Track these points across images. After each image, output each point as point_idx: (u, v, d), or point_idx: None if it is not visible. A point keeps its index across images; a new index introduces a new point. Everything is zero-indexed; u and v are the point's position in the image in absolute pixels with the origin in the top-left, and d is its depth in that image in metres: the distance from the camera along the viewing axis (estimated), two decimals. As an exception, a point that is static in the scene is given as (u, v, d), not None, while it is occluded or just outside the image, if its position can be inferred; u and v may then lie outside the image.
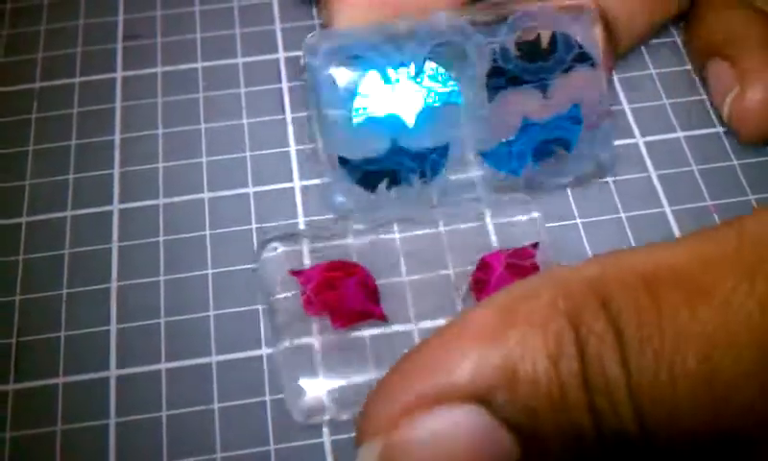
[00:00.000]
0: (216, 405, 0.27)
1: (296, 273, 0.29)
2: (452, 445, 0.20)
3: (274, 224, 0.31)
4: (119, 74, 0.35)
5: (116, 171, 0.33)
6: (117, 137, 0.33)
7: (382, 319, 0.28)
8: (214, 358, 0.28)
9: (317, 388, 0.27)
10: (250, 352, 0.28)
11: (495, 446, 0.20)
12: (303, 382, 0.27)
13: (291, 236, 0.29)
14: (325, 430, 0.27)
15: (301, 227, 0.31)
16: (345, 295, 0.28)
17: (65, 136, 0.34)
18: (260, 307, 0.29)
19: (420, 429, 0.20)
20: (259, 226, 0.31)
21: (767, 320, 0.20)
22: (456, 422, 0.20)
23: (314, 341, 0.27)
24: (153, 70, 0.35)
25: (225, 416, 0.27)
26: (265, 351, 0.28)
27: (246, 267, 0.30)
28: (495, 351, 0.20)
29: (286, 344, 0.27)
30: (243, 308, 0.29)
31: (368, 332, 0.28)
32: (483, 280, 0.29)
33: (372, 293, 0.28)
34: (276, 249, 0.29)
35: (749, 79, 0.33)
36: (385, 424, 0.20)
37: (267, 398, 0.28)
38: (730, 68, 0.33)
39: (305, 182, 0.32)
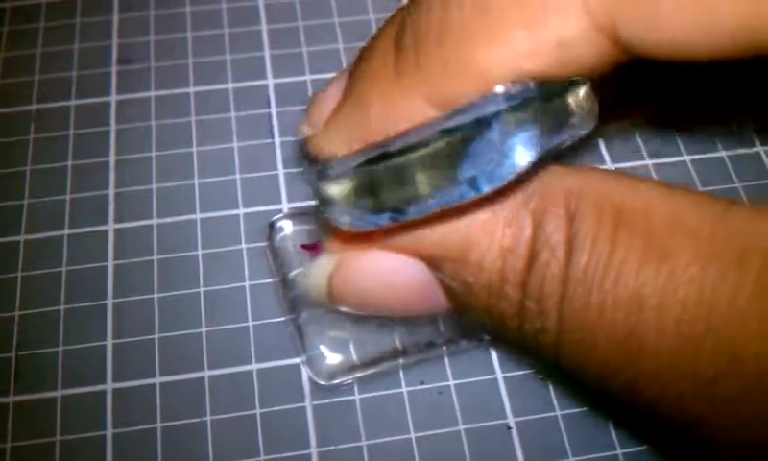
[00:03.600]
0: (209, 418, 0.29)
1: (308, 247, 0.30)
2: (392, 281, 0.24)
3: (263, 244, 0.32)
4: (114, 98, 0.36)
5: (111, 192, 0.34)
6: (112, 159, 0.35)
7: None
8: (207, 373, 0.30)
9: (337, 351, 0.29)
10: (241, 368, 0.30)
11: (430, 294, 0.24)
12: (324, 348, 0.29)
13: (297, 215, 0.31)
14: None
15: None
16: None
17: (62, 157, 0.35)
18: (250, 324, 0.31)
19: (372, 260, 0.24)
20: (249, 246, 0.32)
21: (693, 309, 0.20)
22: (403, 266, 0.24)
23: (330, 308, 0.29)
24: (146, 94, 0.36)
25: (217, 428, 0.29)
26: (255, 366, 0.30)
27: (236, 285, 0.31)
28: (456, 225, 0.23)
29: (304, 314, 0.29)
30: (234, 325, 0.31)
31: None
32: None
33: None
34: (283, 228, 0.31)
35: None
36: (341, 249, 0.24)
37: (257, 411, 0.29)
38: None
39: (294, 204, 0.33)
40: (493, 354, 0.30)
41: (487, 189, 0.22)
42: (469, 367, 0.30)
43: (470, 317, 0.25)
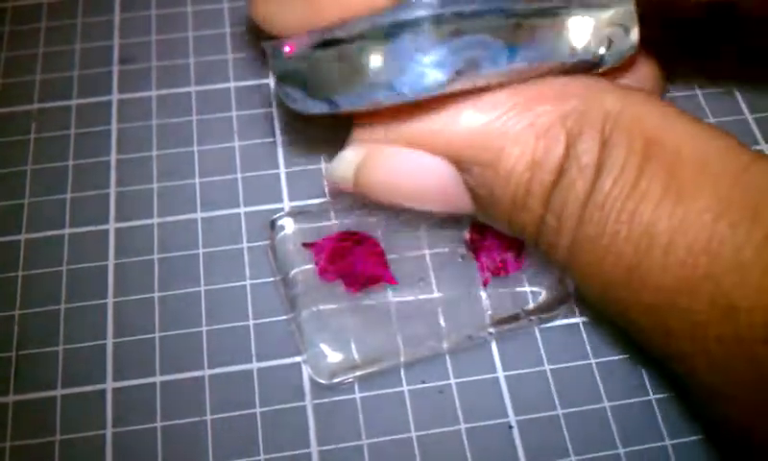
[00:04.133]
0: (209, 417, 0.29)
1: (309, 245, 0.30)
2: (422, 176, 0.25)
3: (264, 243, 0.32)
4: (115, 97, 0.36)
5: (112, 191, 0.34)
6: (113, 158, 0.35)
7: (392, 282, 0.30)
8: (207, 372, 0.30)
9: (338, 349, 0.29)
10: (240, 367, 0.30)
11: (455, 194, 0.25)
12: (324, 346, 0.29)
13: (298, 213, 0.31)
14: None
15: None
16: (356, 261, 0.30)
17: (63, 157, 0.35)
18: (251, 323, 0.30)
19: (399, 155, 0.25)
20: (250, 245, 0.32)
21: (699, 255, 0.21)
22: (429, 164, 0.24)
23: (331, 306, 0.29)
24: (148, 93, 0.36)
25: (217, 427, 0.28)
26: (256, 365, 0.30)
27: (237, 284, 0.31)
28: (489, 129, 0.23)
29: (305, 312, 0.29)
30: (234, 324, 0.30)
31: (380, 294, 0.30)
32: (478, 240, 0.31)
33: (380, 258, 0.30)
34: (284, 227, 0.31)
35: None
36: (370, 140, 0.25)
37: (257, 410, 0.29)
38: None
39: (295, 203, 0.33)
40: (495, 353, 0.30)
41: (410, 95, 0.22)
42: (471, 366, 0.30)
43: (490, 221, 0.25)
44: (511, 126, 0.23)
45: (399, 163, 0.25)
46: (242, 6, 0.39)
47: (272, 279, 0.31)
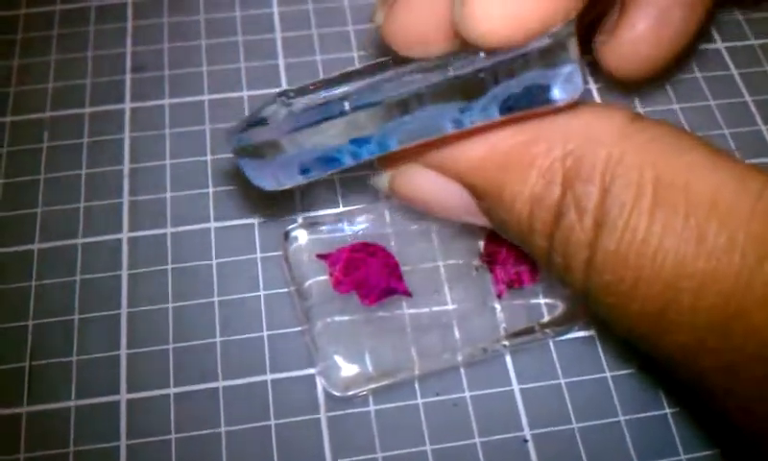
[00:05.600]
0: (223, 429, 0.29)
1: (322, 256, 0.30)
2: (439, 194, 0.26)
3: (278, 253, 0.32)
4: (127, 105, 0.36)
5: (125, 200, 0.34)
6: (126, 167, 0.34)
7: (406, 294, 0.30)
8: (221, 383, 0.29)
9: (352, 361, 0.29)
10: (255, 378, 0.30)
11: (472, 212, 0.26)
12: (338, 358, 0.29)
13: (312, 224, 0.31)
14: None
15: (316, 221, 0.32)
16: (370, 273, 0.30)
17: (76, 166, 0.35)
18: (265, 334, 0.30)
19: (420, 176, 0.26)
20: (264, 255, 0.32)
21: (730, 295, 0.21)
22: (452, 188, 0.25)
23: (345, 318, 0.29)
24: (160, 102, 0.36)
25: (232, 439, 0.28)
26: (270, 376, 0.30)
27: (251, 295, 0.31)
28: (493, 158, 0.24)
29: (319, 324, 0.29)
30: (248, 336, 0.30)
31: (394, 306, 0.30)
32: (494, 253, 0.31)
33: (394, 270, 0.30)
34: (298, 238, 0.31)
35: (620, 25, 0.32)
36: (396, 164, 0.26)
37: (272, 422, 0.29)
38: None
39: (308, 214, 0.33)
40: (510, 366, 0.30)
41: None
42: (485, 378, 0.30)
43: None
44: (514, 162, 0.24)
45: (422, 182, 0.26)
46: (253, 15, 0.39)
47: (285, 289, 0.31)
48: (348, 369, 0.29)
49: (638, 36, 0.31)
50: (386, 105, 0.24)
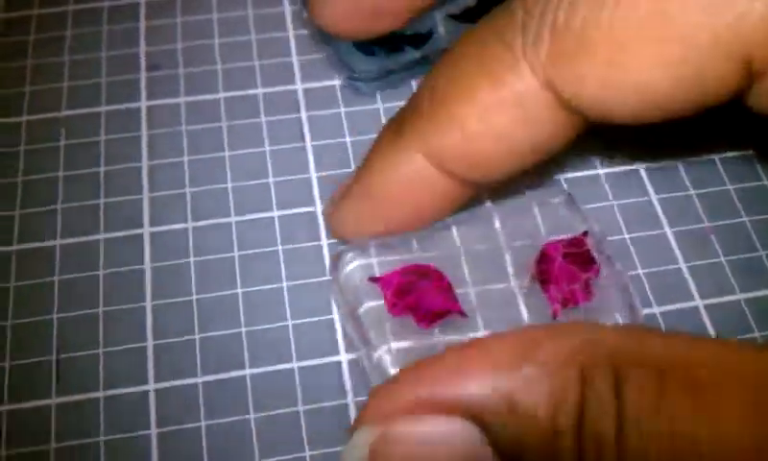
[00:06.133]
0: (252, 415, 0.29)
1: (375, 280, 0.30)
2: (442, 451, 0.21)
3: (298, 246, 0.33)
4: (143, 103, 0.37)
5: (145, 196, 0.34)
6: (144, 164, 0.35)
7: (462, 314, 0.29)
8: (248, 371, 0.30)
9: None
10: (281, 366, 0.30)
11: (484, 453, 0.22)
12: None
13: (360, 249, 0.31)
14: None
15: (325, 246, 0.33)
16: (423, 296, 0.30)
17: (94, 163, 0.35)
18: (290, 323, 0.31)
19: (416, 428, 0.21)
20: (285, 248, 0.33)
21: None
22: (451, 432, 0.21)
23: (405, 343, 0.29)
24: (176, 100, 0.37)
25: (261, 425, 0.29)
26: (296, 364, 0.30)
27: (274, 286, 0.32)
28: (505, 379, 0.22)
29: (379, 350, 0.29)
30: (273, 325, 0.31)
31: (451, 328, 0.29)
32: (546, 271, 0.30)
33: (447, 291, 0.30)
34: (351, 261, 0.31)
35: None
36: (384, 417, 0.22)
37: (300, 408, 0.29)
38: None
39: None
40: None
41: None
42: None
43: None
44: (523, 375, 0.22)
45: (421, 437, 0.22)
46: (267, 13, 0.40)
47: (307, 281, 0.32)
48: None
49: None
50: None
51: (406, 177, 0.29)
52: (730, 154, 0.35)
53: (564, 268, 0.30)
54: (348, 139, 0.36)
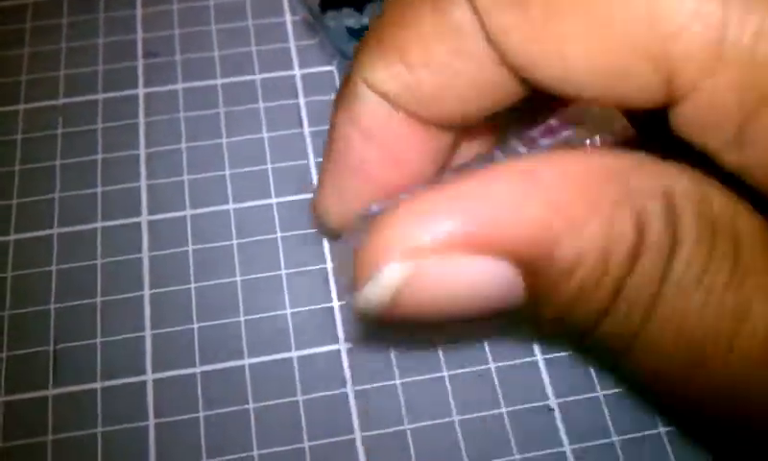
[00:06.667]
0: (251, 405, 0.29)
1: None
2: (479, 284, 0.20)
3: (296, 233, 0.32)
4: (141, 91, 0.36)
5: (143, 184, 0.34)
6: (142, 152, 0.35)
7: None
8: (247, 361, 0.30)
9: None
10: (280, 355, 0.30)
11: (511, 295, 0.21)
12: None
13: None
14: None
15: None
16: None
17: (92, 151, 0.35)
18: (288, 311, 0.31)
19: (462, 265, 0.20)
20: (284, 235, 0.32)
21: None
22: (491, 267, 0.20)
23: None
24: (174, 87, 0.36)
25: (260, 415, 0.29)
26: (295, 353, 0.30)
27: (273, 274, 0.31)
28: (555, 222, 0.20)
29: None
30: (271, 313, 0.31)
31: None
32: None
33: None
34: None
35: None
36: (412, 252, 0.20)
37: (299, 398, 0.29)
38: None
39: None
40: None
41: None
42: (509, 349, 0.30)
43: (535, 319, 0.22)
44: (571, 215, 0.20)
45: (457, 275, 0.20)
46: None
47: (306, 268, 0.31)
48: None
49: None
50: None
51: (366, 122, 0.25)
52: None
53: None
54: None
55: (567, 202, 0.20)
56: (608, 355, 0.22)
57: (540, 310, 0.21)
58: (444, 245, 0.20)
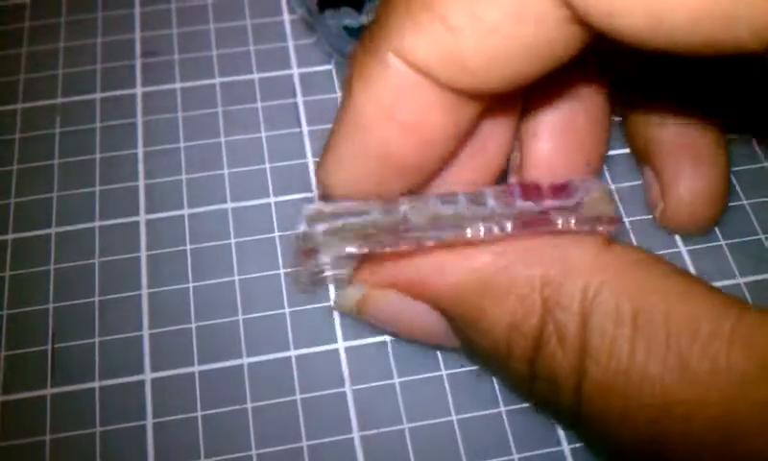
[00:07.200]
0: (249, 405, 0.29)
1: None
2: (411, 319, 0.27)
3: (295, 232, 0.32)
4: (139, 90, 0.36)
5: (141, 183, 0.34)
6: (140, 151, 0.35)
7: None
8: (245, 360, 0.30)
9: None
10: (279, 354, 0.30)
11: (445, 336, 0.27)
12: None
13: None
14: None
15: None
16: None
17: (90, 150, 0.35)
18: (287, 310, 0.31)
19: (396, 301, 0.26)
20: (282, 234, 0.32)
21: (722, 421, 0.20)
22: (426, 312, 0.26)
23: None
24: (172, 86, 0.36)
25: (258, 415, 0.29)
26: (294, 352, 0.30)
27: (271, 273, 0.31)
28: (477, 296, 0.24)
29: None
30: (270, 312, 0.31)
31: None
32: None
33: None
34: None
35: (669, 195, 0.31)
36: (374, 283, 0.27)
37: (298, 397, 0.29)
38: (655, 179, 0.31)
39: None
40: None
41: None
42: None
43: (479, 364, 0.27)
44: (493, 288, 0.24)
45: (392, 306, 0.27)
46: (262, -2, 0.40)
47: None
48: None
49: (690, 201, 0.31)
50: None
51: (387, 92, 0.24)
52: (729, 137, 0.35)
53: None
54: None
55: (490, 278, 0.24)
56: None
57: (477, 356, 0.27)
58: (382, 284, 0.27)
